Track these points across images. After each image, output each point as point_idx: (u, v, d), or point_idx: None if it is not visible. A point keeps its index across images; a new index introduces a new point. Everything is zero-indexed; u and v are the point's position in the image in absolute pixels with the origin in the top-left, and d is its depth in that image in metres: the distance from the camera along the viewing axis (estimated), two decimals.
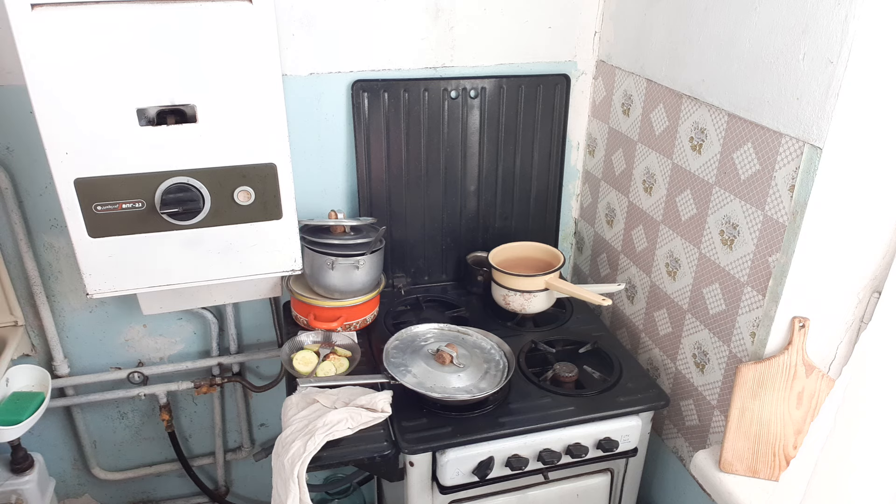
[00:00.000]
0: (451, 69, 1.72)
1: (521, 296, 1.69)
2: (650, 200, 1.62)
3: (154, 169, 1.32)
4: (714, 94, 1.34)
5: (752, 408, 1.26)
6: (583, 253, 2.03)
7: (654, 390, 1.49)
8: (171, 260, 1.41)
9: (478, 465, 1.34)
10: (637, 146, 1.65)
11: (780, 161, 1.18)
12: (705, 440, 1.49)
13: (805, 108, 1.11)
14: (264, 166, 1.38)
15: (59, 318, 1.75)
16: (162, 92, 1.27)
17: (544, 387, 1.47)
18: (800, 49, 1.11)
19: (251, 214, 1.42)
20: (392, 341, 1.51)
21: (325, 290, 1.60)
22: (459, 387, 1.39)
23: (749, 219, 1.28)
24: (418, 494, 1.37)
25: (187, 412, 2.00)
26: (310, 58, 1.61)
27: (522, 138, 1.81)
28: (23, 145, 1.53)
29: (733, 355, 1.37)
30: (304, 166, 1.71)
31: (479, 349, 1.52)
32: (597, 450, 1.42)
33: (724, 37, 1.29)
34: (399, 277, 1.87)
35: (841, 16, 1.02)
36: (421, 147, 1.74)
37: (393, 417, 1.36)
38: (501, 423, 1.36)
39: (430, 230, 1.85)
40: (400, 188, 1.77)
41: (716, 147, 1.36)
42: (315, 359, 1.50)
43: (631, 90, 1.65)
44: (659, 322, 1.64)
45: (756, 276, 1.28)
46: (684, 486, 1.63)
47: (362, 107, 1.67)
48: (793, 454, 1.27)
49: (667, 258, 1.58)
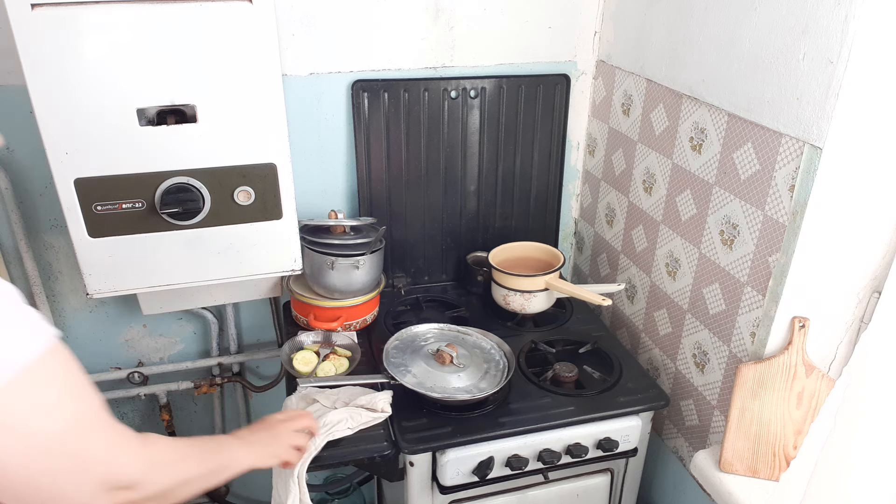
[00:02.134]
0: (451, 69, 1.72)
1: (521, 296, 1.69)
2: (650, 200, 1.62)
3: (154, 169, 1.32)
4: (714, 94, 1.34)
5: (752, 408, 1.26)
6: (583, 253, 2.03)
7: (654, 390, 1.49)
8: (171, 260, 1.41)
9: (478, 465, 1.34)
10: (637, 146, 1.65)
11: (780, 161, 1.18)
12: (705, 440, 1.49)
13: (805, 108, 1.11)
14: (264, 166, 1.38)
15: (60, 318, 1.75)
16: (162, 92, 1.27)
17: (544, 387, 1.47)
18: (800, 49, 1.11)
19: (251, 214, 1.42)
20: (392, 341, 1.51)
21: (325, 290, 1.60)
22: (459, 387, 1.39)
23: (749, 219, 1.28)
24: (418, 494, 1.37)
25: (187, 412, 2.00)
26: (310, 58, 1.61)
27: (522, 138, 1.81)
28: (23, 145, 1.53)
29: (733, 355, 1.37)
30: (304, 166, 1.71)
31: (479, 349, 1.52)
32: (597, 450, 1.42)
33: (724, 37, 1.29)
34: (399, 277, 1.87)
35: (841, 16, 1.02)
36: (421, 147, 1.74)
37: (393, 417, 1.36)
38: (501, 423, 1.36)
39: (430, 230, 1.85)
40: (400, 188, 1.77)
41: (716, 147, 1.36)
42: (315, 359, 1.50)
43: (631, 90, 1.65)
44: (659, 322, 1.64)
45: (756, 276, 1.28)
46: (684, 486, 1.63)
47: (362, 107, 1.67)
48: (793, 454, 1.27)
49: (667, 258, 1.58)
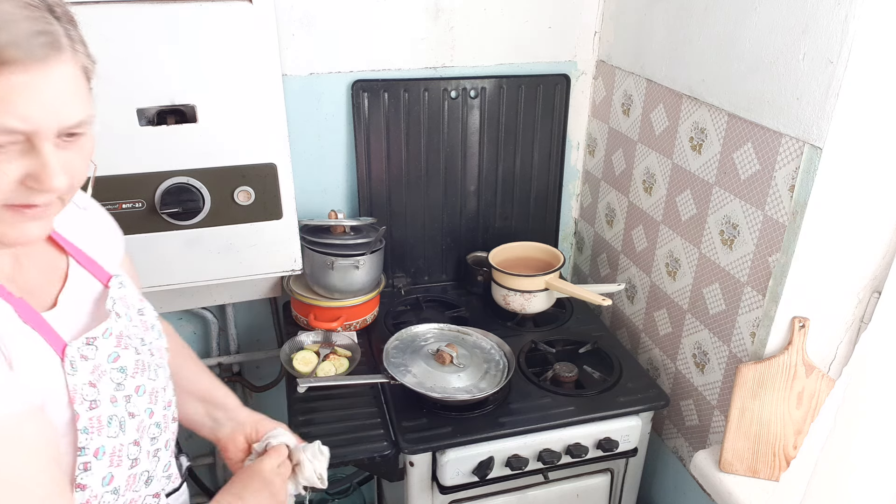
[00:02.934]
0: (451, 69, 1.72)
1: (521, 296, 1.69)
2: (650, 200, 1.62)
3: (154, 169, 1.32)
4: (714, 94, 1.34)
5: (752, 408, 1.26)
6: (583, 253, 2.03)
7: (654, 390, 1.49)
8: (171, 260, 1.41)
9: (478, 465, 1.34)
10: (637, 146, 1.65)
11: (780, 161, 1.18)
12: (705, 440, 1.49)
13: (805, 108, 1.11)
14: (264, 166, 1.38)
15: None
16: (162, 92, 1.27)
17: (544, 387, 1.47)
18: (800, 49, 1.11)
19: (251, 214, 1.42)
20: (392, 341, 1.51)
21: (325, 290, 1.60)
22: (459, 387, 1.39)
23: (749, 219, 1.28)
24: (418, 494, 1.37)
25: None
26: (310, 58, 1.61)
27: (522, 138, 1.81)
28: None
29: (733, 355, 1.37)
30: (304, 166, 1.71)
31: (479, 349, 1.52)
32: (597, 450, 1.42)
33: (725, 37, 1.29)
34: (399, 277, 1.87)
35: (841, 16, 1.02)
36: (421, 147, 1.74)
37: (393, 417, 1.36)
38: (501, 423, 1.36)
39: (430, 230, 1.85)
40: (400, 188, 1.77)
41: (716, 147, 1.36)
42: (315, 359, 1.50)
43: (631, 90, 1.65)
44: (659, 322, 1.64)
45: (756, 276, 1.28)
46: (684, 486, 1.63)
47: (362, 107, 1.67)
48: (793, 454, 1.27)
49: (667, 258, 1.58)
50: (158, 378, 0.83)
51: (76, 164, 0.64)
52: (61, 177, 0.61)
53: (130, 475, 0.74)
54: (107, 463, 0.71)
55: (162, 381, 0.84)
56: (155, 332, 0.89)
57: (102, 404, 0.72)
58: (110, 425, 0.72)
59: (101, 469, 0.71)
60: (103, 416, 0.71)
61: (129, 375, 0.77)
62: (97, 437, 0.70)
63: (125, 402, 0.75)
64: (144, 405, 0.78)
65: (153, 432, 0.80)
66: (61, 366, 0.68)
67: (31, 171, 0.60)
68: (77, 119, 0.62)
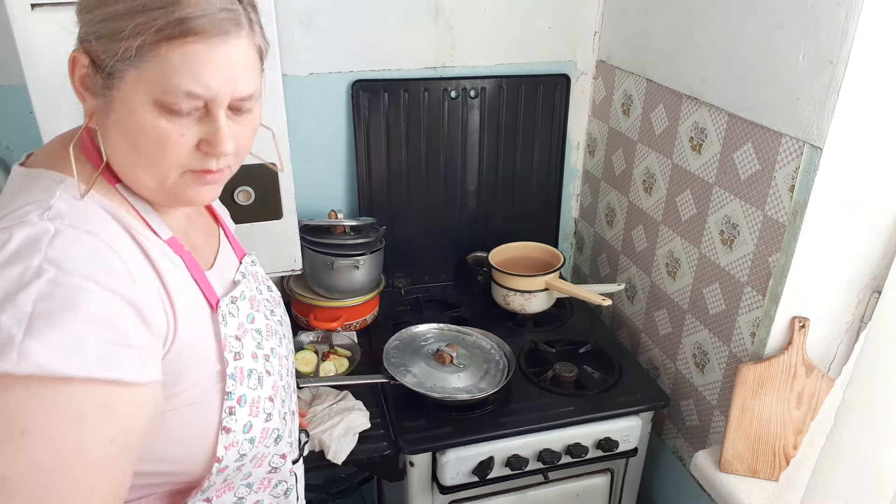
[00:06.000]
0: (451, 69, 1.72)
1: (521, 296, 1.69)
2: (650, 200, 1.62)
3: None
4: (714, 94, 1.34)
5: (752, 408, 1.26)
6: (583, 253, 2.03)
7: (654, 390, 1.49)
8: None
9: (478, 465, 1.34)
10: (637, 146, 1.65)
11: (780, 161, 1.18)
12: (705, 440, 1.49)
13: (805, 108, 1.11)
14: (264, 166, 1.38)
15: None
16: None
17: (544, 387, 1.47)
18: (800, 49, 1.11)
19: (251, 214, 1.41)
20: (392, 341, 1.51)
21: (324, 290, 1.60)
22: (459, 387, 1.39)
23: (749, 219, 1.28)
24: (418, 494, 1.37)
25: None
26: (310, 58, 1.61)
27: (522, 138, 1.81)
28: (23, 145, 1.53)
29: (733, 355, 1.37)
30: (304, 166, 1.70)
31: (479, 349, 1.52)
32: (597, 450, 1.42)
33: (725, 36, 1.29)
34: (399, 277, 1.87)
35: (841, 16, 1.02)
36: (421, 147, 1.74)
37: (393, 417, 1.36)
38: (501, 423, 1.36)
39: (430, 230, 1.85)
40: (400, 188, 1.77)
41: (716, 147, 1.36)
42: (315, 359, 1.50)
43: (631, 90, 1.65)
44: (659, 322, 1.64)
45: (756, 276, 1.28)
46: (684, 486, 1.63)
47: (362, 107, 1.66)
48: (793, 454, 1.27)
49: (667, 258, 1.58)
50: (283, 346, 0.92)
51: (243, 136, 0.73)
52: (230, 143, 0.69)
53: (264, 429, 0.81)
54: (247, 411, 0.78)
55: (286, 351, 0.92)
56: (282, 308, 0.98)
57: (245, 357, 0.80)
58: (250, 377, 0.80)
59: (243, 416, 0.78)
60: (245, 368, 0.79)
61: (264, 337, 0.85)
62: (240, 387, 0.78)
63: (264, 360, 0.83)
64: (276, 367, 0.86)
65: (282, 395, 0.87)
66: (213, 318, 0.77)
67: (205, 136, 0.68)
68: (249, 91, 0.69)
